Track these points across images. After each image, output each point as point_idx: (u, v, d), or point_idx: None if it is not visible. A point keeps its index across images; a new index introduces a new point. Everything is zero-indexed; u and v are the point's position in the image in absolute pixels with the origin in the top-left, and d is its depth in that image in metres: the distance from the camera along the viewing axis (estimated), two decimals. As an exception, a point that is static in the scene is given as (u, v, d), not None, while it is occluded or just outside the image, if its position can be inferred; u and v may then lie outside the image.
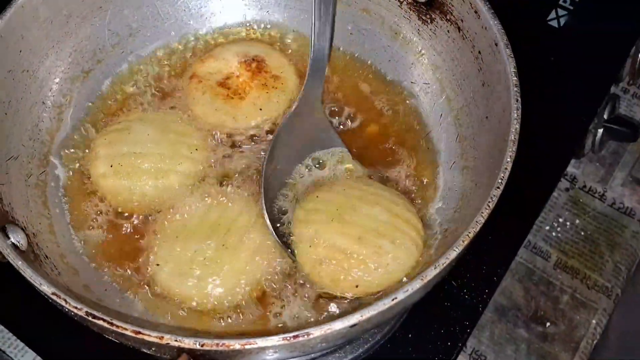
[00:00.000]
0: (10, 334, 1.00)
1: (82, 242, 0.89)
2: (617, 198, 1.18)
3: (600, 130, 1.13)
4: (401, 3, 0.96)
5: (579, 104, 1.12)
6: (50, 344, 0.95)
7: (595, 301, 1.08)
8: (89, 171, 0.93)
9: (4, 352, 1.01)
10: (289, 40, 1.07)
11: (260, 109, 0.97)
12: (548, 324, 1.06)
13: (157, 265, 0.84)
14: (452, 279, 0.97)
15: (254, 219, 0.87)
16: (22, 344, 1.00)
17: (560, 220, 1.16)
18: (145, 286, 0.85)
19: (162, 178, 0.90)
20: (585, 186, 1.20)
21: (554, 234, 1.15)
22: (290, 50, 1.06)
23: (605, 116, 1.14)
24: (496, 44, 0.80)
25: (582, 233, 1.15)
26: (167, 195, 0.91)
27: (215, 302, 0.83)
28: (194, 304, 0.83)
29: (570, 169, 1.21)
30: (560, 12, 1.21)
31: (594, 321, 1.07)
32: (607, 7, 1.21)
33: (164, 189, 0.90)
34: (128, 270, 0.87)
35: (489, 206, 0.67)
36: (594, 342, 1.06)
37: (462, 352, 1.03)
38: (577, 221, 1.16)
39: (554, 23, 1.20)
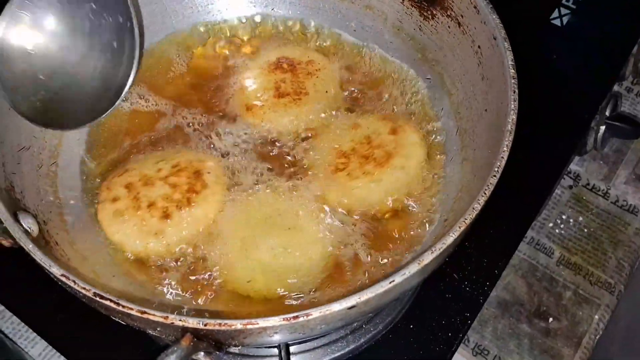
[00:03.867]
0: (22, 324, 1.01)
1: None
2: (620, 195, 1.19)
3: (602, 128, 1.13)
4: (403, 0, 0.98)
5: (582, 101, 1.13)
6: (62, 334, 0.96)
7: (598, 297, 1.09)
8: (95, 165, 0.93)
9: (14, 342, 1.02)
10: (293, 35, 1.08)
11: (326, 92, 0.98)
12: (551, 319, 1.07)
13: (249, 281, 0.82)
14: (453, 272, 0.98)
15: (294, 203, 0.88)
16: (33, 334, 1.01)
17: (564, 217, 1.17)
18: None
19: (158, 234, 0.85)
20: (588, 184, 1.20)
21: (557, 230, 1.15)
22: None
23: (607, 113, 1.14)
24: (495, 38, 0.81)
25: (585, 230, 1.15)
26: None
27: (309, 279, 0.82)
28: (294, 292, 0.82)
29: (573, 167, 1.21)
30: (563, 11, 1.22)
31: (596, 317, 1.07)
32: (609, 6, 1.22)
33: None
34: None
35: (485, 193, 0.68)
36: (597, 337, 1.06)
37: (465, 346, 1.04)
38: (581, 218, 1.17)
39: (557, 22, 1.21)
